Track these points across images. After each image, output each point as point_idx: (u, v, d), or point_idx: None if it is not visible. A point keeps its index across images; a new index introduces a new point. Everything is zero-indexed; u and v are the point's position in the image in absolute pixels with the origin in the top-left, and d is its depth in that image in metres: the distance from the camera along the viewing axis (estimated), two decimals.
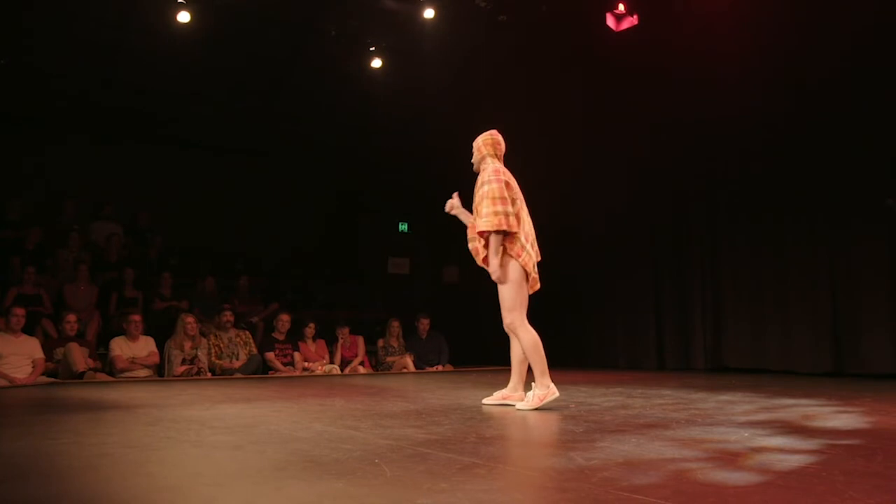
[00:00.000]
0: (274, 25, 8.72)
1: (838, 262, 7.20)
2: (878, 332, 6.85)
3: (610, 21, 8.36)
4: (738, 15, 7.83)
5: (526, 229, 4.40)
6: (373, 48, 9.30)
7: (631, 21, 8.38)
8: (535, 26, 8.65)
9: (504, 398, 4.46)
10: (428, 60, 9.19)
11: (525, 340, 4.27)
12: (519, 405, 4.22)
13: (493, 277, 4.33)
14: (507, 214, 4.23)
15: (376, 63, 9.41)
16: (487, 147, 4.57)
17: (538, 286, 4.47)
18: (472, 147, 4.65)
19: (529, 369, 4.39)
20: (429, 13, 8.49)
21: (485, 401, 4.51)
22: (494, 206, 4.24)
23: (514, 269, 4.29)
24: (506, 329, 4.37)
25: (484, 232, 4.30)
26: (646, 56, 8.50)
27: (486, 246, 4.37)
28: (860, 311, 7.01)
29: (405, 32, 8.87)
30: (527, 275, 4.33)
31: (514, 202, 4.34)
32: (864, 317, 6.98)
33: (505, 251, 4.29)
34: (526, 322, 4.31)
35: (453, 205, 4.77)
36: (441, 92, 9.69)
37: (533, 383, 4.21)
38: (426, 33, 8.77)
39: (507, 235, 4.27)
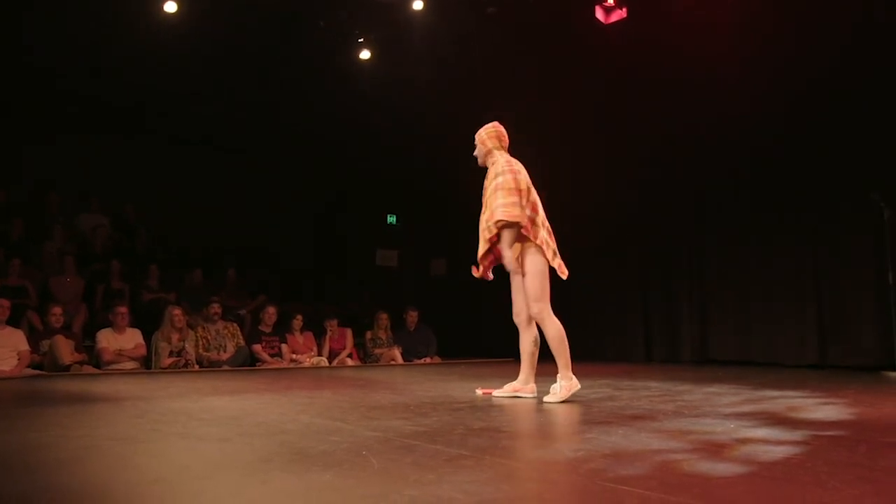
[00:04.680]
0: (261, 17, 8.66)
1: (824, 255, 7.27)
2: (863, 325, 6.92)
3: (599, 14, 8.36)
4: (731, 13, 7.84)
5: (542, 216, 4.36)
6: (361, 40, 9.25)
7: (620, 14, 8.37)
8: (524, 19, 8.63)
9: (515, 391, 4.40)
10: (417, 53, 9.15)
11: (551, 331, 4.19)
12: (547, 398, 4.09)
13: (509, 268, 4.27)
14: (521, 207, 4.19)
15: (365, 55, 9.36)
16: (492, 140, 4.50)
17: (566, 272, 4.33)
18: (473, 141, 4.58)
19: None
20: (417, 4, 8.45)
21: (496, 393, 4.43)
22: (510, 197, 4.18)
23: (538, 258, 4.23)
24: (535, 318, 4.23)
25: (499, 222, 4.19)
26: (636, 52, 8.50)
27: (497, 238, 4.29)
28: (845, 304, 7.08)
29: (394, 24, 8.83)
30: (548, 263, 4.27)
31: (529, 192, 4.32)
32: (848, 310, 7.05)
33: (527, 240, 4.25)
34: (552, 313, 4.24)
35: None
36: (430, 84, 9.66)
37: (557, 375, 4.15)
38: (415, 25, 8.73)
39: (520, 227, 4.20)
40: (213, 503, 1.85)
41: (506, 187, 4.22)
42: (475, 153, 4.56)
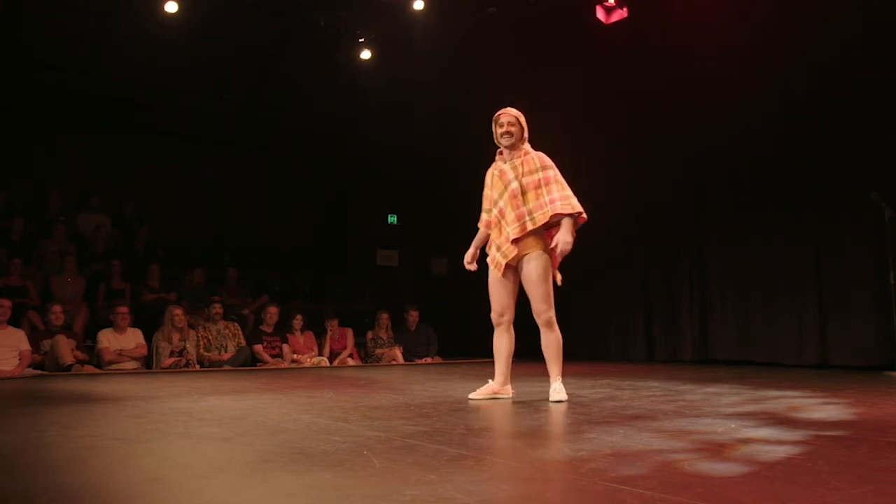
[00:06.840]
0: (262, 16, 8.66)
1: (824, 255, 7.27)
2: (863, 325, 6.92)
3: (600, 14, 8.36)
4: (731, 12, 7.84)
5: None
6: (362, 39, 9.26)
7: (621, 14, 8.38)
8: (524, 19, 8.63)
9: (494, 392, 4.35)
10: (418, 52, 9.16)
11: (558, 337, 4.19)
12: (557, 397, 4.07)
13: (566, 250, 4.11)
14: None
15: (365, 55, 9.36)
16: (527, 127, 4.39)
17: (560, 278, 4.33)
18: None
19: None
20: (418, 4, 8.45)
21: (471, 396, 4.38)
22: (567, 190, 4.20)
23: (548, 262, 4.19)
24: (548, 322, 4.14)
25: (560, 214, 4.11)
26: (636, 51, 8.50)
27: (545, 229, 4.19)
28: (845, 305, 7.07)
29: (394, 23, 8.83)
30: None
31: None
32: (849, 309, 7.04)
33: (539, 244, 4.18)
34: None
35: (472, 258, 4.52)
36: (430, 83, 9.66)
37: (557, 378, 4.15)
38: (415, 25, 8.74)
39: (546, 228, 4.20)
40: (213, 502, 1.84)
41: (562, 180, 4.24)
42: (508, 130, 4.29)
